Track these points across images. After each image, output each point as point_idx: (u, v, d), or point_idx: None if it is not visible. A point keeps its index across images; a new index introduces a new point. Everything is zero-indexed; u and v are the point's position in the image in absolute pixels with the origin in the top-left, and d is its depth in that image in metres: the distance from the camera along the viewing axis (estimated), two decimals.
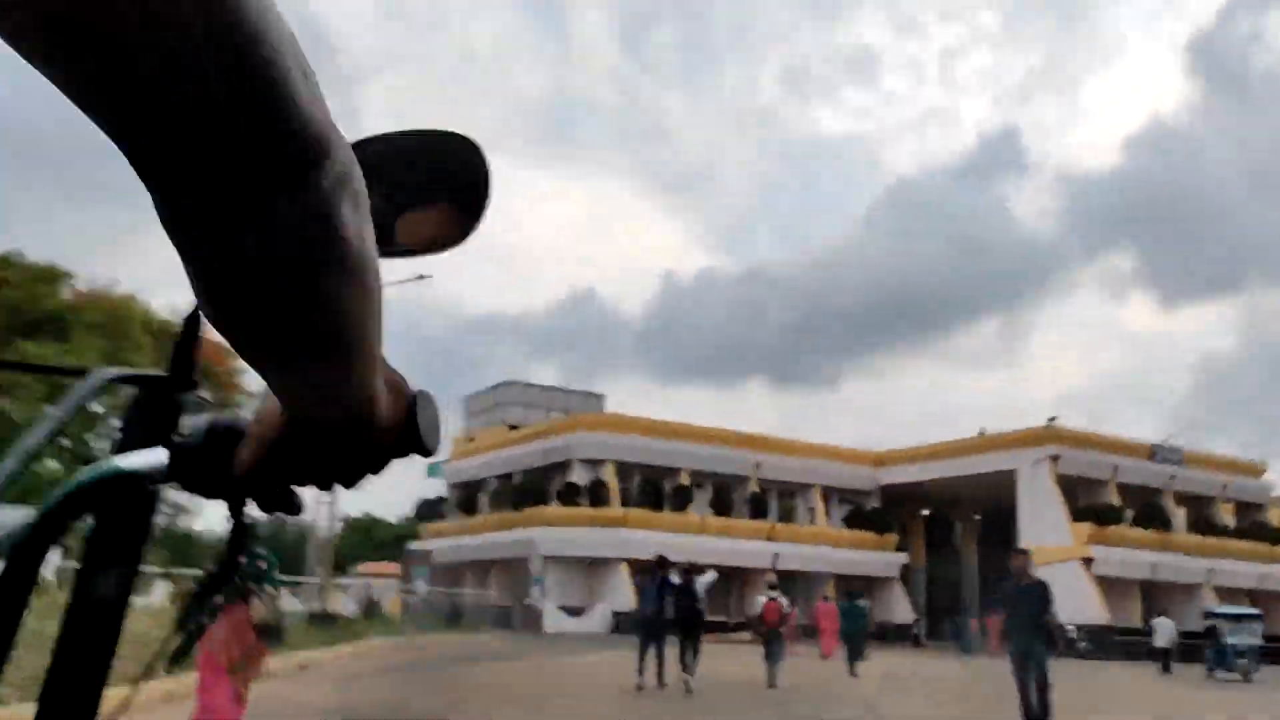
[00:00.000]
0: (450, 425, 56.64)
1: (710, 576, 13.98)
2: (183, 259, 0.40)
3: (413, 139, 0.68)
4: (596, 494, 41.38)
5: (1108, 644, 36.82)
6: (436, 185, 0.68)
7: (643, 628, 13.42)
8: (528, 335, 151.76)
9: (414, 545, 47.37)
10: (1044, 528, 40.61)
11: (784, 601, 16.00)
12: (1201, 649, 29.90)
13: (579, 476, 42.25)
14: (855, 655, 18.83)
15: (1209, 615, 25.22)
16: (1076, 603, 38.08)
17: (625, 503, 41.97)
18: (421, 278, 22.35)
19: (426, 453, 0.58)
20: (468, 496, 47.78)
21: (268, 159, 0.37)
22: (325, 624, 18.68)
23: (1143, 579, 41.05)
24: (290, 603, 24.63)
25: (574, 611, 39.39)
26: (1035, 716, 8.88)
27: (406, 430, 0.56)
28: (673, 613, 13.13)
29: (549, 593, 39.38)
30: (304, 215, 0.39)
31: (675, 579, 13.47)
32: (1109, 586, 39.08)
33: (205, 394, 0.67)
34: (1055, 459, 41.19)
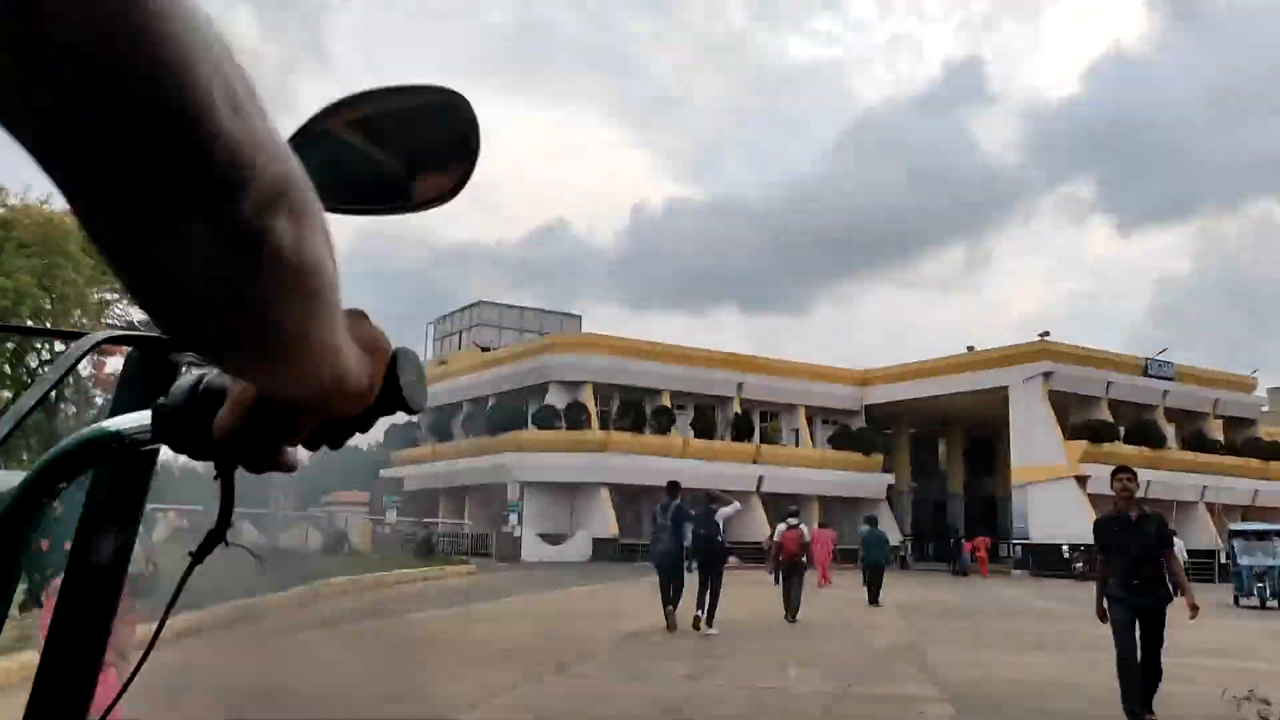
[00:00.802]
0: (421, 350, 54.54)
1: (734, 507, 12.46)
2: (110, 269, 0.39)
3: (406, 95, 0.69)
4: (575, 417, 39.69)
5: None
6: (443, 144, 0.70)
7: (658, 564, 11.99)
8: (502, 265, 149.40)
9: (385, 472, 45.58)
10: (1036, 446, 39.49)
11: (804, 530, 14.69)
12: (1206, 570, 28.88)
13: (556, 399, 40.51)
14: (876, 586, 18.18)
15: (1233, 534, 22.62)
16: (1072, 523, 37.05)
17: (605, 426, 40.36)
18: None
19: (411, 410, 0.57)
20: (440, 422, 45.88)
21: (180, 184, 0.36)
22: (280, 562, 16.89)
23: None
24: (250, 536, 22.88)
25: (553, 539, 37.97)
26: (1143, 685, 6.88)
27: (388, 389, 0.55)
28: (693, 546, 11.85)
29: (527, 520, 37.91)
30: (227, 236, 0.38)
31: (693, 509, 12.16)
32: (1102, 506, 38.01)
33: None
34: (1048, 375, 39.83)
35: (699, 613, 11.80)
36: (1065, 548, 36.55)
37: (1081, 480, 38.11)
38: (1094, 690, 8.60)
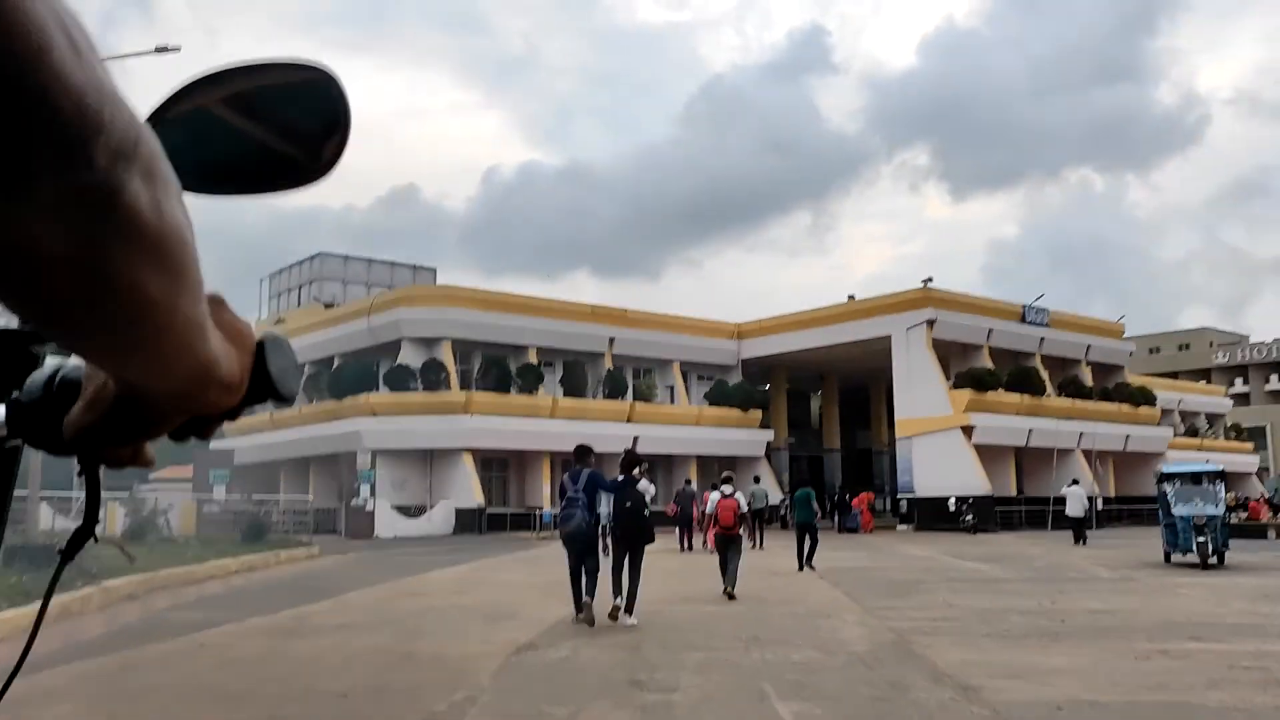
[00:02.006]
0: (254, 308, 49.25)
1: (648, 486, 10.28)
2: None
3: (270, 72, 0.67)
4: (432, 377, 35.81)
5: (990, 515, 34.69)
6: (312, 122, 0.68)
7: (569, 543, 9.79)
8: (349, 231, 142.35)
9: (215, 444, 40.47)
10: (920, 397, 37.97)
11: (740, 498, 12.08)
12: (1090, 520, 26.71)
13: (410, 358, 36.50)
14: (812, 550, 16.49)
15: (1160, 477, 19.05)
16: (960, 474, 35.77)
17: (466, 385, 36.65)
18: (167, 49, 15.92)
19: (284, 399, 0.56)
20: None
21: (21, 136, 0.33)
22: (49, 559, 12.79)
23: (1018, 446, 39.26)
24: (39, 524, 18.49)
25: (411, 512, 34.15)
26: None
27: (258, 379, 0.54)
28: (614, 520, 9.93)
29: (380, 491, 33.95)
30: (77, 198, 0.35)
31: (618, 476, 10.19)
32: (986, 455, 36.92)
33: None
34: (931, 323, 38.31)
35: (618, 600, 9.65)
36: (952, 500, 35.16)
37: (967, 430, 36.83)
38: (1215, 713, 5.85)
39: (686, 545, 23.16)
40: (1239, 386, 75.38)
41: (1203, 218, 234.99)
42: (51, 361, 0.58)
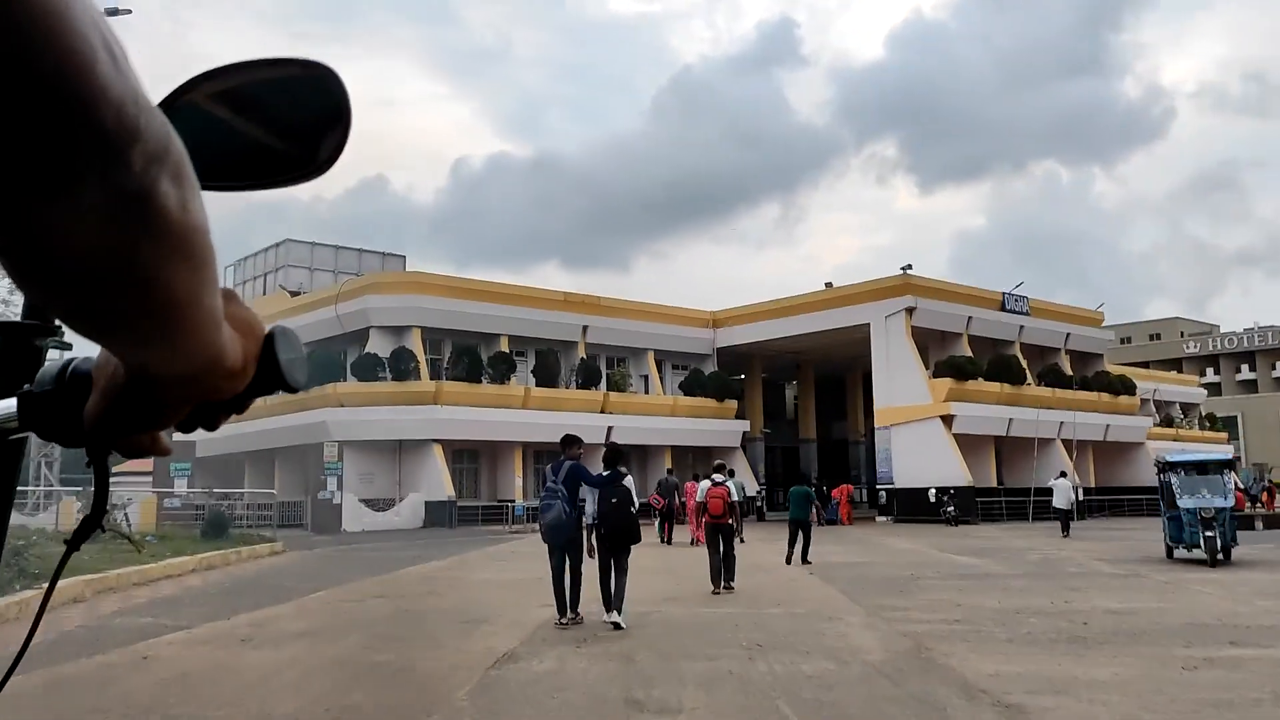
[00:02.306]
0: None
1: (630, 482, 9.53)
2: None
3: (271, 68, 0.68)
4: (401, 366, 34.79)
5: (971, 506, 34.18)
6: (313, 116, 0.69)
7: (548, 539, 9.13)
8: (318, 222, 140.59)
9: (177, 436, 39.13)
10: (899, 385, 37.39)
11: (732, 488, 11.59)
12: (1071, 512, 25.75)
13: (379, 346, 35.46)
14: (806, 547, 16.00)
15: (1163, 466, 17.47)
16: (940, 464, 35.24)
17: (436, 375, 35.68)
18: (118, 12, 15.00)
19: (291, 389, 0.57)
20: None
21: (69, 148, 0.35)
22: None
23: (998, 435, 38.82)
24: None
25: (379, 505, 33.18)
26: None
27: (265, 369, 0.55)
28: (599, 517, 9.18)
29: (347, 484, 32.95)
30: (116, 200, 0.38)
31: (593, 470, 9.49)
32: (965, 445, 36.43)
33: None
34: (911, 311, 37.72)
35: (610, 616, 8.91)
36: (932, 491, 34.59)
37: (947, 420, 36.31)
38: None
39: (667, 538, 22.41)
40: (1210, 376, 75.74)
41: (1167, 210, 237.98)
42: (56, 354, 0.58)
